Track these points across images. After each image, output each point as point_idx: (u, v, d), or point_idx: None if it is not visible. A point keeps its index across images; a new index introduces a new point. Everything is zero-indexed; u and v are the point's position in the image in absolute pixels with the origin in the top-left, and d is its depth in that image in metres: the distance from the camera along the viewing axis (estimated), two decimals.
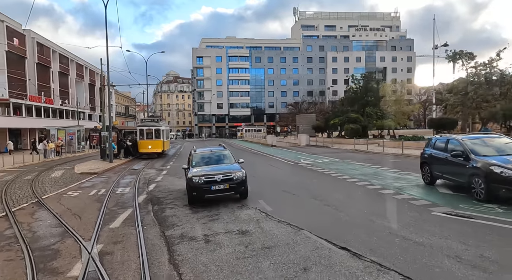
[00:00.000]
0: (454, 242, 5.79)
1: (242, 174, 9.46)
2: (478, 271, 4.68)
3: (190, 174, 9.58)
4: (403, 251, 5.54)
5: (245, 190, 9.65)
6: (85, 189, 13.60)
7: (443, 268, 4.81)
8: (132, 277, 5.09)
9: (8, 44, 38.63)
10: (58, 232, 7.69)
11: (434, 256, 5.27)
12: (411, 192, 10.06)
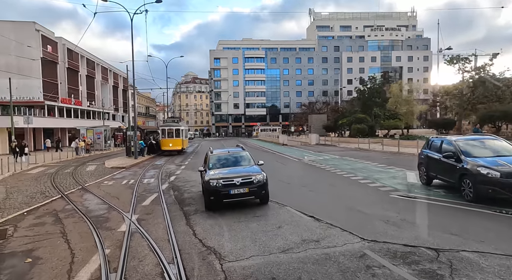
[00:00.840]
0: (391, 212, 7.95)
1: (263, 176, 8.89)
2: (395, 227, 6.86)
3: (207, 177, 9.02)
4: (350, 218, 7.76)
5: (266, 194, 9.08)
6: (117, 180, 16.27)
7: (372, 226, 7.00)
8: (161, 231, 7.51)
9: (43, 51, 42.44)
10: (104, 207, 10.26)
11: (371, 220, 7.45)
12: (384, 182, 12.14)
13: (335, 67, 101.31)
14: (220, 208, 8.73)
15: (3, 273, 5.59)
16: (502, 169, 8.08)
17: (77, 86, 53.27)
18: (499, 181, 7.98)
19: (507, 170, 8.02)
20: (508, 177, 7.92)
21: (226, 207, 9.05)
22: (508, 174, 7.95)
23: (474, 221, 7.30)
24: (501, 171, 8.06)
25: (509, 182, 7.86)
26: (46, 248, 6.69)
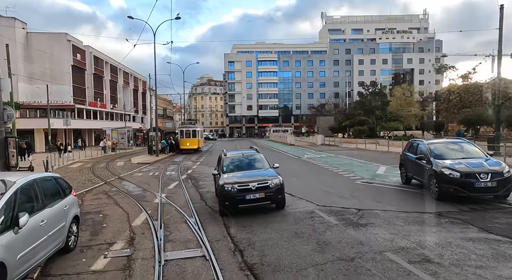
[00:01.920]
0: (347, 191, 11.05)
1: (279, 181, 8.59)
2: (343, 199, 9.95)
3: (221, 181, 8.75)
4: (316, 194, 10.87)
5: (283, 199, 8.80)
6: (145, 172, 19.77)
7: (328, 199, 10.11)
8: (183, 202, 10.80)
9: (73, 60, 46.89)
10: (139, 190, 13.68)
11: (330, 196, 10.56)
12: (358, 173, 15.16)
13: (346, 70, 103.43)
14: (236, 213, 8.40)
15: (89, 220, 9.01)
16: (462, 170, 8.80)
17: (102, 90, 57.76)
18: (459, 181, 8.70)
19: (466, 171, 8.77)
20: (467, 177, 8.66)
21: None
22: (467, 175, 8.69)
23: (398, 195, 10.39)
24: (461, 171, 8.77)
25: (467, 181, 8.60)
26: (109, 210, 10.10)
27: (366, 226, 7.25)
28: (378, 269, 5.06)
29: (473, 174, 8.68)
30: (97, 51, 54.79)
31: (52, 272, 5.64)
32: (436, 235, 6.51)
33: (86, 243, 7.07)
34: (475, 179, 8.60)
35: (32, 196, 5.48)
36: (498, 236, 6.33)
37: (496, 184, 8.58)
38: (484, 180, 8.56)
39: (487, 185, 8.56)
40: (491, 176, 8.62)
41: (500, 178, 8.63)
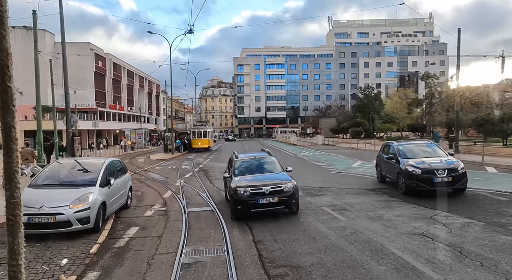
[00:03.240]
0: (320, 178, 14.67)
1: (293, 185, 8.46)
2: (315, 182, 13.60)
3: (233, 185, 8.57)
4: (298, 180, 14.53)
5: (297, 204, 8.59)
6: (164, 166, 23.66)
7: (306, 183, 13.72)
8: (197, 185, 14.59)
9: (95, 66, 51.43)
10: (163, 177, 17.53)
11: (308, 181, 14.18)
12: (336, 166, 18.73)
13: (352, 72, 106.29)
14: (248, 217, 8.22)
15: (132, 195, 12.86)
16: (423, 167, 9.99)
17: (120, 94, 62.30)
18: (420, 177, 9.88)
19: (426, 167, 9.97)
20: (427, 173, 9.85)
21: None
22: (427, 171, 9.88)
23: (354, 180, 14.01)
24: (421, 168, 9.97)
25: (427, 177, 9.81)
26: (144, 189, 13.94)
27: (320, 196, 10.90)
28: (312, 213, 8.74)
29: (432, 170, 9.80)
30: (115, 58, 59.31)
31: (121, 216, 9.44)
32: (359, 199, 10.15)
33: (136, 205, 10.89)
34: (433, 175, 9.72)
35: (112, 169, 9.31)
36: (395, 198, 9.96)
37: (451, 179, 9.70)
38: (441, 175, 9.66)
39: (444, 180, 9.66)
40: (448, 172, 9.73)
41: (455, 173, 9.80)
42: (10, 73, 1.13)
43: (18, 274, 1.18)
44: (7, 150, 1.17)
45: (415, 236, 6.63)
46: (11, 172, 1.18)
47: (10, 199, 1.18)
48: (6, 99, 1.14)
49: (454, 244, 6.11)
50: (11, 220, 1.19)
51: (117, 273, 5.61)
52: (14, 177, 1.18)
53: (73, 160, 9.46)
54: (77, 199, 7.37)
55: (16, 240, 1.18)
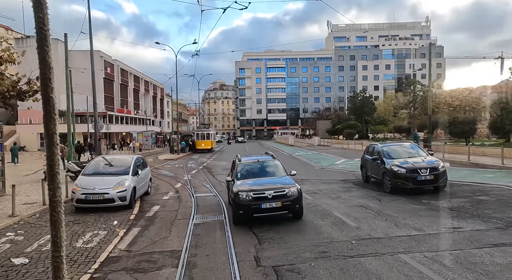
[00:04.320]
0: (305, 172, 17.55)
1: (297, 189, 8.24)
2: (300, 176, 16.47)
3: (235, 188, 8.42)
4: None
5: (300, 209, 8.35)
6: (172, 165, 26.59)
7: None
8: (202, 178, 17.52)
9: (104, 73, 54.59)
10: (172, 174, 20.45)
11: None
12: (322, 163, 21.58)
13: (351, 75, 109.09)
14: (250, 222, 8.07)
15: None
16: (407, 166, 10.70)
17: (127, 98, 65.44)
18: (404, 175, 10.58)
19: (410, 167, 10.67)
20: (411, 172, 10.57)
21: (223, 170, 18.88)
22: (410, 170, 10.60)
23: (332, 173, 16.83)
24: (406, 168, 10.68)
25: (410, 176, 10.54)
26: (158, 182, 16.86)
27: (300, 184, 13.76)
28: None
29: (416, 169, 10.52)
30: (123, 64, 62.48)
31: (145, 200, 12.33)
32: (329, 186, 13.02)
33: (154, 193, 13.80)
34: (417, 174, 10.46)
35: (138, 163, 12.23)
36: (356, 185, 12.84)
37: (433, 177, 10.46)
38: (424, 174, 10.40)
39: (427, 178, 10.42)
40: (429, 170, 10.48)
41: (436, 172, 10.54)
42: (52, 85, 1.22)
43: (60, 265, 1.23)
44: (49, 153, 1.23)
45: (355, 207, 9.51)
46: (53, 173, 1.24)
47: (53, 198, 1.23)
48: (49, 108, 1.21)
49: (376, 210, 9.00)
50: (53, 216, 1.24)
51: (151, 228, 8.52)
52: (56, 178, 1.24)
53: (110, 156, 12.42)
54: (117, 184, 10.31)
55: (58, 233, 1.24)
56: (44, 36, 1.19)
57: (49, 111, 1.22)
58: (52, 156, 1.23)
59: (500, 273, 4.93)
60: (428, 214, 8.41)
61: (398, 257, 5.69)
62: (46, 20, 1.19)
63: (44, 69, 1.20)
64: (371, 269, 5.26)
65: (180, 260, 6.10)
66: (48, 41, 1.20)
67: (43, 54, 1.19)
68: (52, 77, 1.22)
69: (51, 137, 1.23)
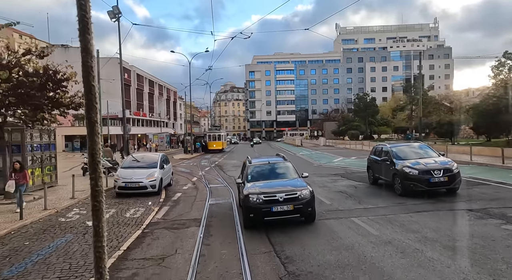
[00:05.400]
0: (305, 167, 20.08)
1: (309, 192, 7.97)
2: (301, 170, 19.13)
3: (245, 191, 8.22)
4: None
5: (313, 212, 8.08)
6: (186, 163, 29.45)
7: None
8: (215, 174, 20.27)
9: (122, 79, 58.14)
10: (188, 170, 23.28)
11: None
12: (320, 161, 24.10)
13: (359, 77, 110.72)
14: (260, 226, 7.91)
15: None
16: (419, 168, 10.24)
17: (142, 102, 68.93)
18: (417, 177, 10.10)
19: (422, 168, 10.20)
20: (423, 174, 10.11)
21: (234, 167, 21.58)
22: (423, 172, 10.13)
23: (327, 169, 19.33)
24: (418, 169, 10.19)
25: (423, 177, 10.06)
26: (177, 177, 19.65)
27: None
28: None
29: (428, 171, 10.10)
30: (139, 69, 66.04)
31: (169, 190, 15.10)
32: (321, 179, 15.58)
33: (175, 184, 16.57)
34: (430, 175, 10.03)
35: (163, 159, 15.03)
36: (343, 178, 15.40)
37: (447, 179, 10.03)
38: (437, 176, 9.99)
39: (440, 180, 9.99)
40: (443, 172, 10.07)
41: (450, 173, 10.13)
42: (93, 73, 1.22)
43: (102, 255, 1.25)
44: (91, 142, 1.23)
45: (335, 192, 12.09)
46: (95, 162, 1.23)
47: (95, 187, 1.24)
48: (91, 97, 1.20)
49: (350, 194, 11.59)
50: (95, 206, 1.25)
51: (177, 207, 11.27)
52: (97, 167, 1.23)
53: (141, 154, 15.28)
54: (149, 175, 13.12)
55: (100, 223, 1.25)
56: (86, 23, 1.19)
57: (91, 99, 1.21)
58: (93, 145, 1.23)
59: (409, 223, 7.53)
60: (387, 195, 10.98)
61: (350, 219, 8.31)
62: (88, 8, 1.19)
63: (86, 57, 1.19)
64: (329, 225, 7.91)
65: (201, 223, 8.82)
66: (91, 29, 1.19)
67: (85, 42, 1.19)
68: (94, 65, 1.23)
69: (92, 125, 1.23)
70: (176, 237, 7.74)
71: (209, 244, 7.15)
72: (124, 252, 6.78)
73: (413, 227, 7.43)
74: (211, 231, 8.10)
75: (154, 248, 7.03)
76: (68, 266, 6.07)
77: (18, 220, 8.99)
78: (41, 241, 7.61)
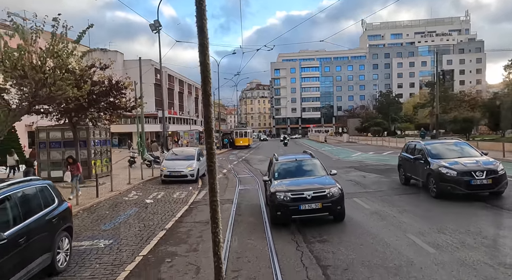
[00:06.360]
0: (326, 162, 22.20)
1: (338, 190, 7.80)
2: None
3: (272, 189, 8.15)
4: None
5: (342, 211, 7.88)
6: (216, 158, 32.14)
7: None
8: (243, 167, 22.72)
9: (155, 79, 61.95)
10: (218, 164, 25.80)
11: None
12: (340, 155, 25.97)
13: (385, 73, 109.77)
14: (288, 224, 7.82)
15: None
16: (458, 168, 9.30)
17: (173, 100, 72.76)
18: (455, 179, 9.19)
19: (462, 169, 9.28)
20: (463, 175, 9.16)
21: (260, 160, 23.88)
22: (463, 173, 9.19)
23: (343, 162, 21.25)
24: (457, 170, 9.27)
25: (463, 179, 9.11)
26: None
27: None
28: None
29: (469, 172, 9.18)
30: (169, 70, 69.84)
31: (204, 179, 17.62)
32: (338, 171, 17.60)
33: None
34: (471, 177, 9.10)
35: (199, 152, 17.63)
36: (356, 170, 17.37)
37: (491, 181, 9.09)
38: (479, 177, 9.05)
39: (483, 182, 9.05)
40: (486, 173, 9.11)
41: (494, 175, 9.15)
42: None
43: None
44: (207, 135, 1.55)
45: (346, 181, 14.09)
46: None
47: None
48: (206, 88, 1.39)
49: (358, 182, 13.61)
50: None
51: None
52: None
53: (181, 148, 17.97)
54: (188, 165, 15.71)
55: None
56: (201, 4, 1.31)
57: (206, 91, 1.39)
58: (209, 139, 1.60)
59: (396, 201, 9.57)
60: (389, 182, 12.95)
61: (351, 199, 10.39)
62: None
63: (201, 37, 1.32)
64: None
65: (233, 201, 11.21)
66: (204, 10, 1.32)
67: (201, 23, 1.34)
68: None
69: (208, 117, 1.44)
70: None
71: (240, 214, 9.52)
72: (179, 218, 9.28)
73: (398, 204, 9.46)
74: (241, 207, 10.47)
75: (200, 216, 9.50)
76: (143, 225, 8.64)
77: (95, 197, 11.77)
78: (117, 211, 10.28)
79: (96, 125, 14.84)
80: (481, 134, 32.87)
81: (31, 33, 9.87)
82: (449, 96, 36.82)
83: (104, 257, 6.40)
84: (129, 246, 6.99)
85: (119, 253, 6.64)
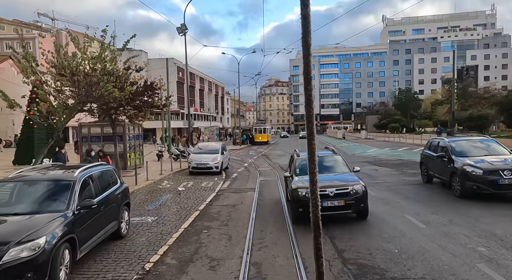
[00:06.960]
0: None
1: (361, 187, 7.69)
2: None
3: (294, 185, 8.09)
4: None
5: (366, 208, 7.75)
6: (237, 153, 33.64)
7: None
8: (262, 161, 24.10)
9: (177, 77, 64.14)
10: (239, 159, 27.39)
11: None
12: (355, 151, 26.94)
13: (406, 69, 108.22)
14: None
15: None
16: (485, 167, 8.94)
17: (194, 97, 74.91)
18: (481, 178, 8.82)
19: (488, 167, 8.91)
20: (489, 174, 8.78)
21: (277, 157, 25.15)
22: (489, 172, 8.82)
23: (358, 157, 22.25)
24: (483, 169, 8.91)
25: (489, 178, 8.73)
26: (231, 164, 23.74)
27: None
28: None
29: (497, 171, 8.78)
30: (191, 67, 72.06)
31: (227, 171, 19.09)
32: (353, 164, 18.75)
33: (230, 168, 20.60)
34: (498, 176, 8.70)
35: (223, 147, 19.13)
36: (370, 165, 18.43)
37: None
38: (508, 177, 8.63)
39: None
40: None
41: None
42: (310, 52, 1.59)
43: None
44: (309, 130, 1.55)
45: (363, 174, 15.14)
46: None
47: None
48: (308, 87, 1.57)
49: (369, 174, 14.75)
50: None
51: (236, 181, 15.18)
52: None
53: (206, 143, 19.54)
54: (213, 158, 17.23)
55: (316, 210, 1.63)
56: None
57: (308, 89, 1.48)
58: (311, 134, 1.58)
59: (402, 190, 10.71)
60: (398, 174, 14.02)
61: None
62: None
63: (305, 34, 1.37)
64: None
65: (255, 190, 12.61)
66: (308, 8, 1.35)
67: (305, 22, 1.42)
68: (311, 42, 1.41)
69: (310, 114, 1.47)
70: (240, 196, 11.62)
71: (262, 199, 10.91)
72: (209, 202, 10.75)
73: (403, 192, 10.60)
74: (262, 194, 11.86)
75: (227, 201, 10.96)
76: (180, 206, 10.16)
77: (135, 185, 13.43)
78: (155, 196, 11.88)
79: (132, 121, 16.51)
80: (502, 131, 32.76)
81: (84, 42, 11.60)
82: (468, 93, 36.70)
83: (153, 228, 7.92)
84: (171, 222, 8.50)
85: (164, 226, 8.14)
